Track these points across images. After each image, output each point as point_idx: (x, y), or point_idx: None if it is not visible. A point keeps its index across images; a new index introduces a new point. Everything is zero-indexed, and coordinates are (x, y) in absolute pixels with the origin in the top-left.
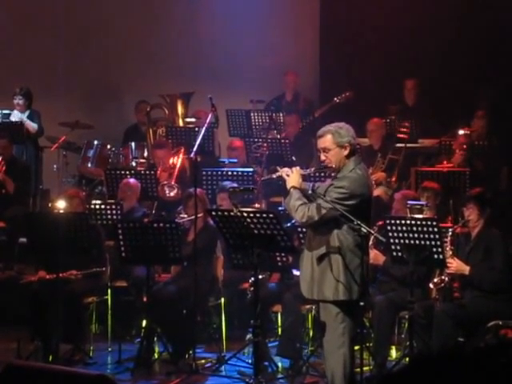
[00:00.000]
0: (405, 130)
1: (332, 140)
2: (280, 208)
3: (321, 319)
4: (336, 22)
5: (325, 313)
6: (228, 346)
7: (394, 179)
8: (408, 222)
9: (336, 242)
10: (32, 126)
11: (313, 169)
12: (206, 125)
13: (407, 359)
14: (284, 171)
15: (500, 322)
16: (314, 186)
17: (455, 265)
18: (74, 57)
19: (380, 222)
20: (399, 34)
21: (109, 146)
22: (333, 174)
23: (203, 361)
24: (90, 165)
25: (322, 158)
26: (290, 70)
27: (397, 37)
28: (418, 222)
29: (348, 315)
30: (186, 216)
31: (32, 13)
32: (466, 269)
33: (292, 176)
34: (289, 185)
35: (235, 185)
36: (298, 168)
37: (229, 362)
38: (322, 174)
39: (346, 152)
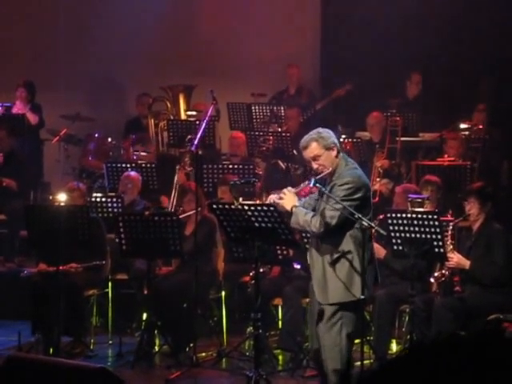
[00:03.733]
0: (396, 123)
1: (318, 146)
2: None
3: (318, 315)
4: (337, 15)
5: (324, 308)
6: (228, 339)
7: (397, 160)
8: (409, 215)
9: (350, 242)
10: (33, 116)
11: (307, 182)
12: (207, 118)
13: None
14: (272, 198)
15: (500, 316)
16: (309, 199)
17: (455, 259)
18: (75, 49)
19: (381, 216)
20: (401, 28)
21: (110, 139)
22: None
23: (204, 354)
24: (90, 158)
25: (315, 166)
26: (292, 63)
27: (398, 30)
28: (419, 216)
29: (347, 312)
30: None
31: (33, 6)
32: (467, 263)
33: (287, 198)
34: (288, 206)
35: (236, 178)
36: (289, 188)
37: (229, 355)
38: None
39: (334, 153)
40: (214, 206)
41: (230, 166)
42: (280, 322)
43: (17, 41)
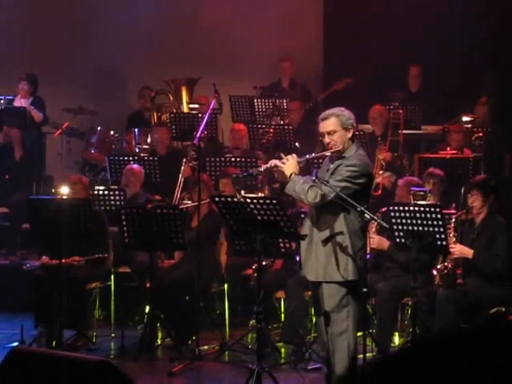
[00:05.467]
0: (398, 116)
1: (337, 122)
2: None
3: (325, 304)
4: (339, 8)
5: (329, 297)
6: (231, 332)
7: (400, 154)
8: (411, 208)
9: (343, 224)
10: (37, 113)
11: (313, 154)
12: (209, 111)
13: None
14: (274, 162)
15: (503, 309)
16: (318, 173)
17: (458, 248)
18: (77, 42)
19: (383, 209)
20: (402, 21)
21: (112, 132)
22: (328, 154)
23: (206, 347)
24: (93, 151)
25: (327, 140)
26: (286, 57)
27: (400, 23)
28: (422, 209)
29: (352, 299)
30: (189, 202)
31: None
32: (470, 252)
33: (289, 163)
34: (288, 171)
35: (238, 171)
36: (293, 155)
37: (232, 348)
38: (321, 161)
39: (349, 134)
40: (217, 199)
41: (233, 159)
42: (282, 315)
43: (19, 34)
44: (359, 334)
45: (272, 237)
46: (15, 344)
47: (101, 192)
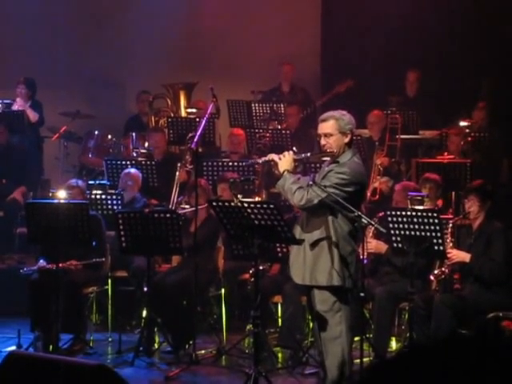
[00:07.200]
0: (396, 121)
1: (335, 125)
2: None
3: (317, 309)
4: (337, 12)
5: (321, 302)
6: (228, 337)
7: (397, 159)
8: (409, 213)
9: (330, 229)
10: (33, 113)
11: (309, 154)
12: (206, 115)
13: None
14: (272, 156)
15: (500, 314)
16: (315, 178)
17: (454, 252)
18: (75, 46)
19: (381, 214)
20: (401, 25)
21: (110, 136)
22: (326, 159)
23: (203, 351)
24: (90, 155)
25: (323, 142)
26: (286, 61)
27: (398, 27)
28: (419, 214)
29: (344, 304)
30: (187, 207)
31: (34, 3)
32: (467, 256)
33: (284, 159)
34: (281, 168)
35: (236, 175)
36: (290, 152)
37: (229, 352)
38: (318, 165)
39: (346, 139)
40: (214, 204)
41: (230, 164)
42: (279, 320)
43: (17, 38)
44: (356, 338)
45: (269, 241)
46: (12, 348)
47: (98, 196)
